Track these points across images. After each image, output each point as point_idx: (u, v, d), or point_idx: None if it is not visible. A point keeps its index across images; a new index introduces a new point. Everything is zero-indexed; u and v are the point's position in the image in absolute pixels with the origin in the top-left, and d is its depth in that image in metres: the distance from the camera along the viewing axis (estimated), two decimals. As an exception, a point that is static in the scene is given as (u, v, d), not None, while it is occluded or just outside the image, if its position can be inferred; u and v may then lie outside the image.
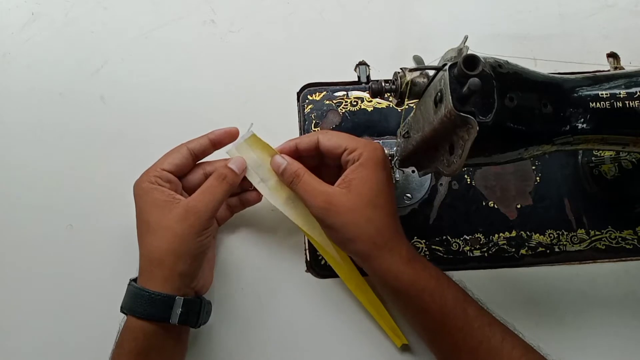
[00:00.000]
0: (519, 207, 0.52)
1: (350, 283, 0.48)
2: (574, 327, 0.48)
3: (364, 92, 0.56)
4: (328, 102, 0.56)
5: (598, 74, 0.39)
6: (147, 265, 0.42)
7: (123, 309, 0.42)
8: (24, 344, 0.48)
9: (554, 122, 0.36)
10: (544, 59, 0.51)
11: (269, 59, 0.58)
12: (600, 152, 0.51)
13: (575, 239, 0.51)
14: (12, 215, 0.52)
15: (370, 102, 0.55)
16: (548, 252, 0.51)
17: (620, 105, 0.36)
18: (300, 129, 0.55)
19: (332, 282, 0.50)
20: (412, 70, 0.39)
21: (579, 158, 0.53)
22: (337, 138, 0.44)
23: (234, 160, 0.45)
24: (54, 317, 0.49)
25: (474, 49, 0.34)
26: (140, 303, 0.40)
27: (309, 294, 0.50)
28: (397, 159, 0.46)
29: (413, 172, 0.51)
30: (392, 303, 0.48)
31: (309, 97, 0.56)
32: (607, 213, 0.52)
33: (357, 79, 0.46)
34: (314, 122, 0.55)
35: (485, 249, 0.51)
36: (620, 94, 0.37)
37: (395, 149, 0.47)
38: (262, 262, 0.51)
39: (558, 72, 0.42)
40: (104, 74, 0.57)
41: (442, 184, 0.53)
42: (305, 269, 0.50)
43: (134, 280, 0.43)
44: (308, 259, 0.51)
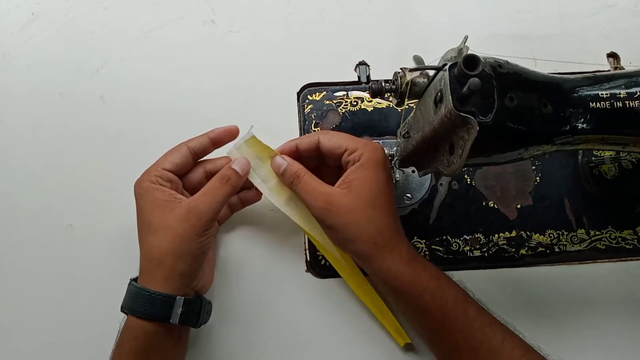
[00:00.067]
0: (519, 207, 0.52)
1: (352, 283, 0.48)
2: (574, 327, 0.48)
3: (364, 92, 0.56)
4: (328, 102, 0.56)
5: (598, 74, 0.39)
6: (147, 265, 0.42)
7: (123, 309, 0.42)
8: (24, 344, 0.48)
9: (554, 122, 0.36)
10: (544, 59, 0.51)
11: (269, 59, 0.58)
12: (600, 152, 0.51)
13: (575, 239, 0.51)
14: (12, 215, 0.52)
15: (370, 102, 0.55)
16: (548, 252, 0.51)
17: (620, 105, 0.36)
18: (300, 129, 0.55)
19: (332, 282, 0.50)
20: (412, 70, 0.39)
21: (579, 158, 0.53)
22: (337, 138, 0.44)
23: (238, 162, 0.45)
24: (54, 317, 0.49)
25: (474, 49, 0.34)
26: (141, 303, 0.40)
27: (309, 294, 0.50)
28: (397, 159, 0.46)
29: (413, 172, 0.51)
30: (392, 303, 0.48)
31: (309, 97, 0.56)
32: (607, 213, 0.52)
33: (357, 79, 0.46)
34: (314, 122, 0.55)
35: (485, 249, 0.51)
36: (620, 94, 0.37)
37: (395, 149, 0.47)
38: (262, 262, 0.51)
39: (558, 72, 0.42)
40: (104, 74, 0.57)
41: (442, 184, 0.53)
42: (305, 269, 0.51)
43: (135, 280, 0.43)
44: (308, 259, 0.51)
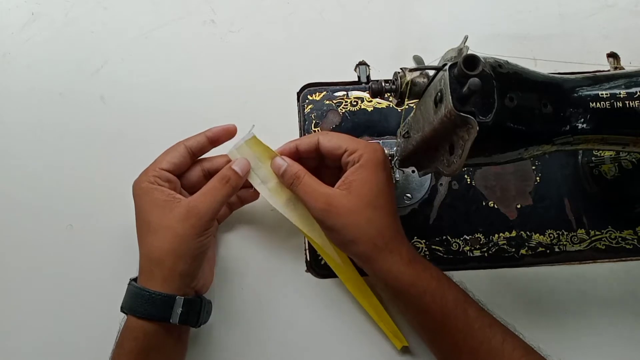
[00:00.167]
0: (519, 207, 0.52)
1: (351, 285, 0.48)
2: (574, 327, 0.48)
3: (364, 92, 0.56)
4: (328, 102, 0.56)
5: (598, 74, 0.39)
6: (147, 265, 0.42)
7: (123, 309, 0.42)
8: (24, 344, 0.48)
9: (554, 122, 0.36)
10: (544, 59, 0.51)
11: (269, 59, 0.58)
12: (600, 152, 0.51)
13: (575, 239, 0.51)
14: (12, 215, 0.52)
15: (370, 102, 0.55)
16: (548, 252, 0.51)
17: (620, 105, 0.36)
18: (300, 129, 0.55)
19: (332, 282, 0.50)
20: (412, 70, 0.39)
21: (579, 158, 0.53)
22: (337, 139, 0.44)
23: (238, 162, 0.45)
24: (54, 317, 0.49)
25: (474, 49, 0.34)
26: (141, 303, 0.40)
27: (309, 294, 0.50)
28: (397, 159, 0.46)
29: (413, 172, 0.51)
30: (392, 303, 0.48)
31: (309, 97, 0.56)
32: (607, 213, 0.52)
33: (357, 79, 0.46)
34: (314, 122, 0.55)
35: (485, 249, 0.51)
36: (620, 94, 0.37)
37: (395, 149, 0.47)
38: (262, 262, 0.51)
39: (558, 72, 0.42)
40: (104, 74, 0.57)
41: (442, 184, 0.53)
42: (305, 269, 0.51)
43: (134, 280, 0.43)
44: (308, 259, 0.51)
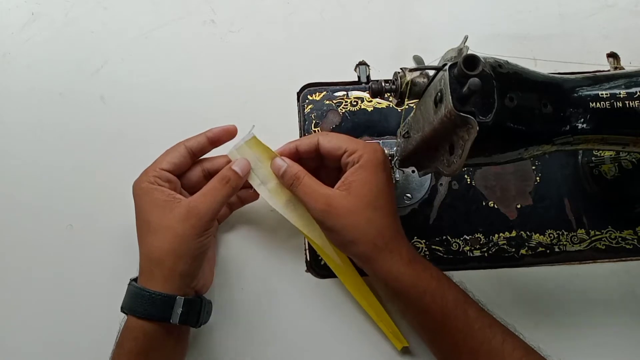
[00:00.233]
0: (519, 207, 0.52)
1: (351, 286, 0.48)
2: (574, 327, 0.48)
3: (364, 92, 0.56)
4: (328, 102, 0.56)
5: (598, 74, 0.39)
6: (147, 265, 0.42)
7: (123, 309, 0.42)
8: (24, 344, 0.48)
9: (554, 122, 0.36)
10: (544, 59, 0.51)
11: (269, 59, 0.58)
12: (600, 152, 0.51)
13: (575, 239, 0.51)
14: (12, 215, 0.52)
15: (370, 102, 0.55)
16: (548, 252, 0.51)
17: (620, 105, 0.36)
18: (300, 129, 0.55)
19: (332, 282, 0.50)
20: (412, 70, 0.39)
21: (579, 158, 0.53)
22: (337, 140, 0.44)
23: (238, 163, 0.45)
24: (54, 317, 0.49)
25: (474, 49, 0.34)
26: (141, 303, 0.40)
27: (309, 294, 0.50)
28: (397, 159, 0.46)
29: (413, 172, 0.51)
30: (392, 304, 0.48)
31: (309, 97, 0.56)
32: (607, 213, 0.52)
33: (357, 79, 0.46)
34: (314, 122, 0.55)
35: (485, 249, 0.51)
36: (620, 94, 0.37)
37: (395, 149, 0.47)
38: (262, 262, 0.51)
39: (558, 72, 0.42)
40: (104, 74, 0.57)
41: (442, 184, 0.53)
42: (305, 269, 0.50)
43: (134, 280, 0.43)
44: (308, 259, 0.51)
